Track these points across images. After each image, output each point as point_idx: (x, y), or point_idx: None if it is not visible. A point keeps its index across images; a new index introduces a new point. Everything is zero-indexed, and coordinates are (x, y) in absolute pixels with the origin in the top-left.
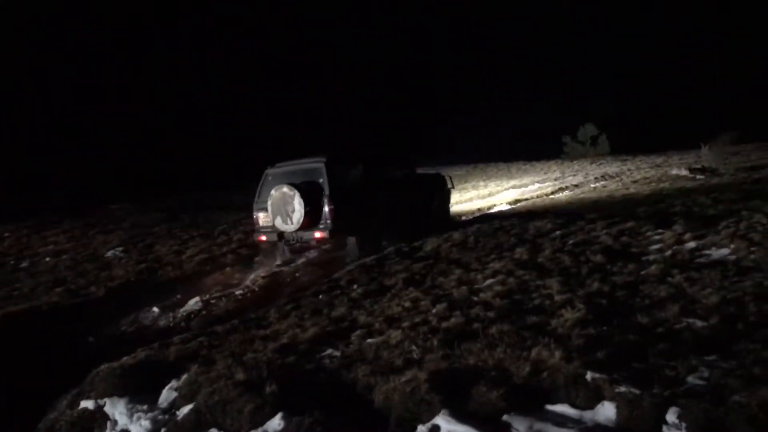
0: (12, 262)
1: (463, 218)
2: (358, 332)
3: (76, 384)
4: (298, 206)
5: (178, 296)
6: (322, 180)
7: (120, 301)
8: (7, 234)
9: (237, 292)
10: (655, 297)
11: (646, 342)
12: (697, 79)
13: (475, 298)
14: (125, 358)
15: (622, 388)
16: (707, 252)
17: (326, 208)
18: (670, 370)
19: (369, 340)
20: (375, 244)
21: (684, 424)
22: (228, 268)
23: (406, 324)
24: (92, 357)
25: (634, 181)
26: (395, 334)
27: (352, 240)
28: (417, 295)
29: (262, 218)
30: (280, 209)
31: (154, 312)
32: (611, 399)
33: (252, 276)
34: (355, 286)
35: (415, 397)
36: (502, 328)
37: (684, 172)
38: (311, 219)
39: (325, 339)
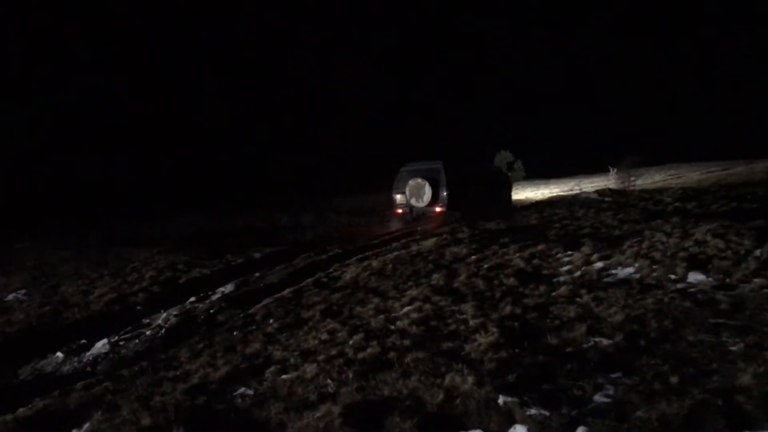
0: None
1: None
2: (272, 368)
3: None
4: (427, 191)
5: (85, 339)
6: (440, 175)
7: (19, 348)
8: None
9: (147, 332)
10: (564, 317)
11: (555, 363)
12: (605, 107)
13: (392, 327)
14: (21, 410)
15: (533, 411)
16: (614, 271)
17: (443, 193)
18: (577, 390)
19: (284, 376)
20: (470, 216)
21: None
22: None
23: (321, 357)
24: None
25: (548, 205)
26: (310, 369)
27: (457, 213)
28: (334, 326)
29: (398, 198)
30: (415, 193)
31: (57, 358)
32: (522, 422)
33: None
34: (271, 320)
35: None
36: (417, 355)
37: (593, 195)
38: (433, 199)
39: (238, 377)
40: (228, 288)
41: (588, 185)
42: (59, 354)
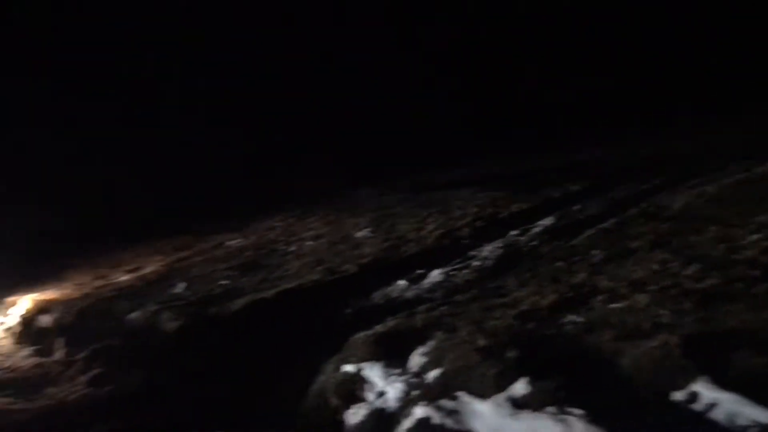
0: (283, 247)
1: None
2: (599, 298)
3: (337, 350)
4: None
5: (422, 270)
6: None
7: (370, 277)
8: (278, 224)
9: (475, 263)
10: None
11: None
12: None
13: (736, 257)
14: (377, 327)
15: None
16: None
17: None
18: None
19: (612, 305)
20: None
21: None
22: None
23: (653, 287)
24: (349, 326)
25: None
26: (641, 298)
27: None
28: (665, 256)
29: None
30: None
31: (400, 285)
32: None
33: None
34: (594, 251)
35: (666, 362)
36: None
37: None
38: None
39: (565, 305)
40: (548, 220)
41: None
42: (402, 282)
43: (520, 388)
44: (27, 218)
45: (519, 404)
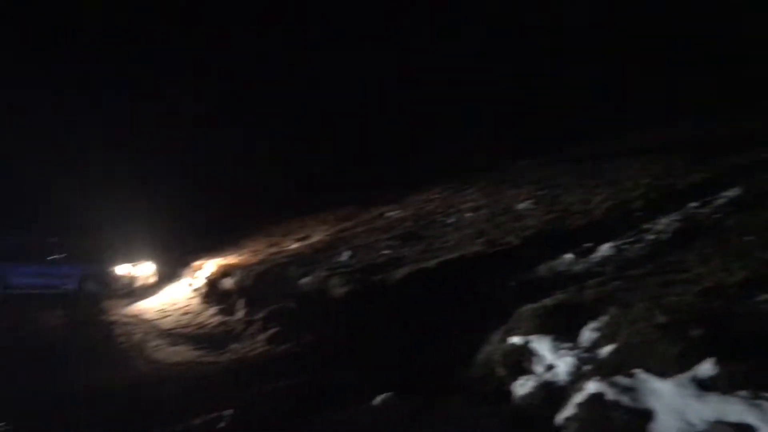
0: (441, 219)
1: None
2: None
3: (502, 321)
4: None
5: (590, 243)
6: None
7: (534, 249)
8: (435, 196)
9: (649, 237)
10: None
11: None
12: None
13: None
14: (545, 300)
15: None
16: None
17: None
18: None
19: None
20: None
21: None
22: None
23: None
24: (515, 298)
25: None
26: None
27: None
28: None
29: None
30: None
31: (566, 258)
32: None
33: None
34: None
35: None
36: None
37: None
38: None
39: (758, 283)
40: (734, 191)
41: None
42: (568, 255)
43: (707, 368)
44: (210, 196)
45: (705, 385)
